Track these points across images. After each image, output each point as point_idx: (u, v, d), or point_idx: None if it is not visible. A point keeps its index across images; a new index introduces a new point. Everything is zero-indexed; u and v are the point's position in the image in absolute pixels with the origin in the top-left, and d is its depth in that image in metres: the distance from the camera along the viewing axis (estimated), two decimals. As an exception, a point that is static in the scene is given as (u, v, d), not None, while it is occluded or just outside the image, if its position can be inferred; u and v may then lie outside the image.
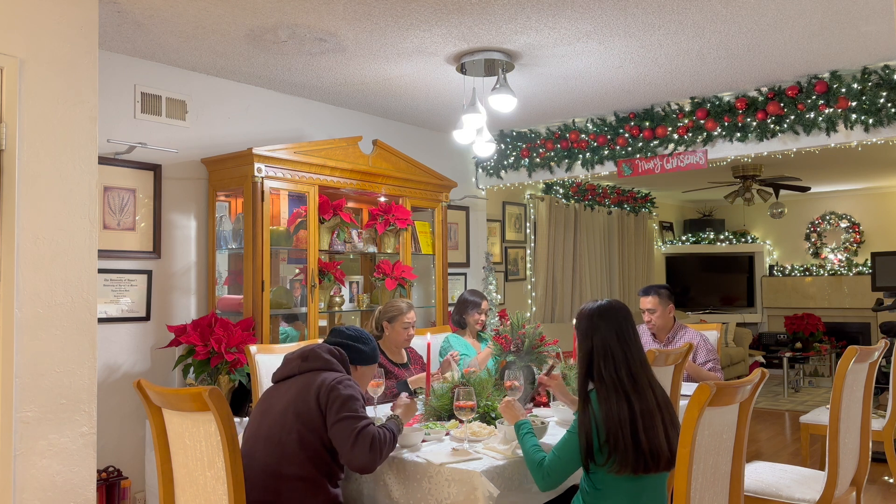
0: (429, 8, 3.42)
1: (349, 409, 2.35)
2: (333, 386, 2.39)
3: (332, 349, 2.59)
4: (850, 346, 2.90)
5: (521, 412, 2.53)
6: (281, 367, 2.58)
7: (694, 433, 2.04)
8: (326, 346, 2.59)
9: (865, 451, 3.17)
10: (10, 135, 2.75)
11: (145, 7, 3.39)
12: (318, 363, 2.50)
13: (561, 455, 2.24)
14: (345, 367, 2.58)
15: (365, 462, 2.30)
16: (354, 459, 2.30)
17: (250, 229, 4.10)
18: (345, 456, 2.32)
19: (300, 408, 2.37)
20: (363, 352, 2.76)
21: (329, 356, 2.54)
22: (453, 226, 6.16)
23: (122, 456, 3.94)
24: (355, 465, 2.32)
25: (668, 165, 5.26)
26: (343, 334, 2.77)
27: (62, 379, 2.86)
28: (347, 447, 2.30)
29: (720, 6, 3.48)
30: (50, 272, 2.85)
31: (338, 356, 2.57)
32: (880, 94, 4.39)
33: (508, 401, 2.58)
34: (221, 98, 4.50)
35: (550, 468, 2.25)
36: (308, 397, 2.38)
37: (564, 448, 2.24)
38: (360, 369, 2.76)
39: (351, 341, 2.74)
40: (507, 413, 2.56)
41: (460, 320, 4.47)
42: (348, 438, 2.30)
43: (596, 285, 8.21)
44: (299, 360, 2.53)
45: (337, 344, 2.69)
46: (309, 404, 2.37)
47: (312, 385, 2.41)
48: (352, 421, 2.32)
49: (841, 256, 9.69)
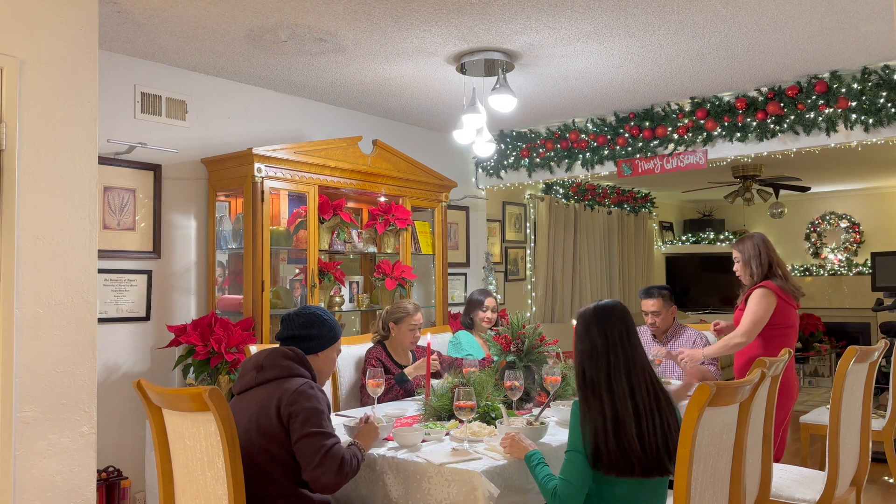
0: (429, 8, 3.42)
1: (313, 423, 2.23)
2: (294, 398, 2.25)
3: (287, 352, 2.41)
4: (851, 346, 2.90)
5: (527, 443, 2.40)
6: (238, 377, 2.44)
7: (694, 433, 2.04)
8: (281, 351, 2.41)
9: (865, 451, 3.17)
10: (10, 135, 2.75)
11: (145, 7, 3.39)
12: (275, 372, 2.35)
13: (568, 477, 2.16)
14: (304, 366, 2.42)
15: (329, 483, 2.20)
16: (319, 479, 2.20)
17: (250, 229, 4.10)
18: (308, 473, 2.21)
19: (263, 423, 2.26)
20: (320, 337, 2.54)
21: (286, 361, 2.38)
22: (453, 226, 6.16)
23: (122, 456, 3.94)
24: (319, 485, 2.22)
25: (668, 165, 5.26)
26: (293, 324, 2.54)
27: (62, 379, 2.86)
28: (312, 465, 2.19)
29: (720, 6, 3.48)
30: (50, 272, 2.85)
31: (294, 357, 2.41)
32: (880, 94, 4.39)
33: (511, 436, 2.43)
34: (221, 98, 4.50)
35: (567, 497, 2.15)
36: (269, 412, 2.26)
37: (569, 470, 2.17)
38: (324, 354, 2.56)
39: (304, 330, 2.52)
40: (514, 450, 2.40)
41: (468, 321, 4.49)
42: (314, 456, 2.20)
43: (596, 285, 8.21)
44: (254, 371, 2.38)
45: (290, 339, 2.51)
46: (271, 419, 2.26)
47: (272, 398, 2.28)
48: (318, 438, 2.22)
49: (841, 256, 9.69)
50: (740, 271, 3.78)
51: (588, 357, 2.24)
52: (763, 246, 3.72)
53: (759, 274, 3.68)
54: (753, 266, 3.70)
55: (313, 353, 2.53)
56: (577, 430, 2.18)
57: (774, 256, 3.72)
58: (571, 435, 2.21)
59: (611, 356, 2.22)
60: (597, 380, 2.20)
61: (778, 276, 3.65)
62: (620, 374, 2.20)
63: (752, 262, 3.71)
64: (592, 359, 2.23)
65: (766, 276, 3.67)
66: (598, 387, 2.19)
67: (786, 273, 3.69)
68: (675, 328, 4.22)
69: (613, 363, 2.21)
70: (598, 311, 2.30)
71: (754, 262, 3.70)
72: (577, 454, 2.17)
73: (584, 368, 2.24)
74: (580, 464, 2.15)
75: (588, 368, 2.23)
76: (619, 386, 2.19)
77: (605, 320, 2.27)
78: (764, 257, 3.69)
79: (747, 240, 3.78)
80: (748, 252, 3.74)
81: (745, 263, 3.75)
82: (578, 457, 2.16)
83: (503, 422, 2.69)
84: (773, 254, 3.73)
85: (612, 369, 2.20)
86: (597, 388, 2.19)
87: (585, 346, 2.26)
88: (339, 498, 2.56)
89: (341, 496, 2.57)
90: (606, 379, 2.20)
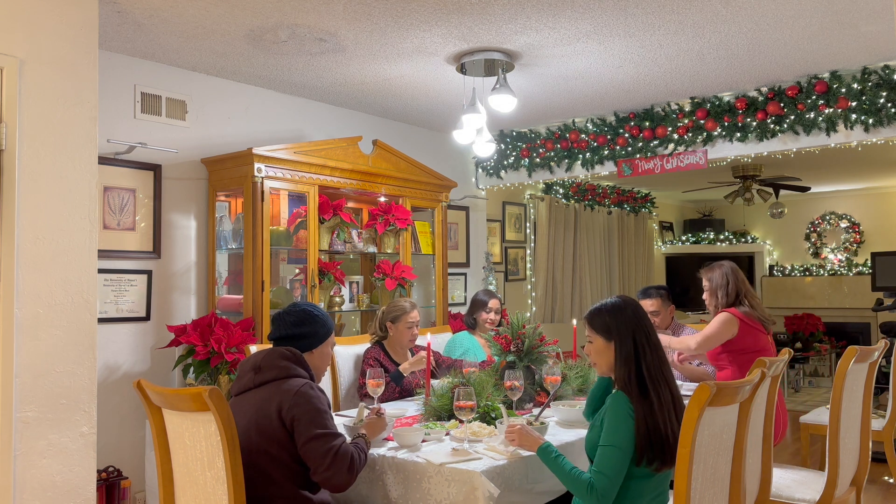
0: (429, 8, 3.42)
1: (318, 424, 2.24)
2: (296, 401, 2.25)
3: (284, 352, 2.41)
4: (851, 346, 2.90)
5: (537, 435, 2.37)
6: (236, 378, 2.45)
7: (694, 433, 2.04)
8: (278, 351, 2.41)
9: (866, 451, 3.17)
10: (10, 135, 2.75)
11: (145, 7, 3.39)
12: (273, 373, 2.35)
13: (604, 471, 2.12)
14: (302, 366, 2.42)
15: (341, 482, 2.22)
16: (331, 479, 2.21)
17: (250, 229, 4.10)
18: (319, 475, 2.23)
19: (262, 425, 2.26)
20: (314, 334, 2.54)
21: (283, 361, 2.38)
22: (453, 226, 6.16)
23: (122, 456, 3.94)
24: (331, 485, 2.23)
25: (668, 165, 5.26)
26: (284, 322, 2.52)
27: (62, 379, 2.86)
28: (324, 467, 2.21)
29: (720, 6, 3.48)
30: (50, 272, 2.85)
31: (292, 357, 2.41)
32: (880, 94, 4.39)
33: (520, 427, 2.40)
34: (221, 98, 4.50)
35: (605, 491, 2.10)
36: (269, 413, 2.26)
37: (606, 465, 2.13)
38: (318, 350, 2.56)
39: (296, 329, 2.51)
40: (524, 443, 2.37)
41: (471, 321, 4.49)
42: (324, 458, 2.21)
43: (596, 285, 8.21)
44: (252, 372, 2.39)
45: (283, 339, 2.50)
46: (271, 421, 2.26)
47: (272, 399, 2.28)
48: (326, 439, 2.23)
49: (841, 256, 9.69)
50: (707, 299, 3.74)
51: (643, 350, 2.23)
52: (732, 275, 3.66)
53: (724, 304, 3.64)
54: (719, 295, 3.66)
55: (308, 350, 2.52)
56: (622, 425, 2.14)
57: (743, 287, 3.65)
58: (610, 429, 2.16)
59: (658, 349, 2.25)
60: (654, 373, 2.20)
61: (745, 305, 3.61)
62: (667, 365, 2.25)
63: (718, 291, 3.67)
64: (647, 351, 2.22)
65: (732, 305, 3.63)
66: (663, 377, 2.20)
67: (754, 303, 3.63)
68: (673, 328, 4.22)
69: (662, 355, 2.25)
70: (634, 304, 2.32)
71: (720, 291, 3.66)
72: (615, 449, 2.13)
73: (643, 363, 2.21)
74: (619, 459, 2.13)
75: (646, 361, 2.21)
76: (670, 376, 2.22)
77: (643, 315, 2.30)
78: (731, 287, 3.63)
79: (717, 268, 3.73)
80: (716, 281, 3.69)
81: (711, 292, 3.71)
82: (617, 452, 2.13)
83: (503, 422, 2.69)
84: (742, 284, 3.66)
85: (662, 361, 2.24)
86: (662, 379, 2.19)
87: (641, 338, 2.24)
88: (339, 498, 2.56)
89: (341, 496, 2.57)
90: (662, 371, 2.21)
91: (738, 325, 3.55)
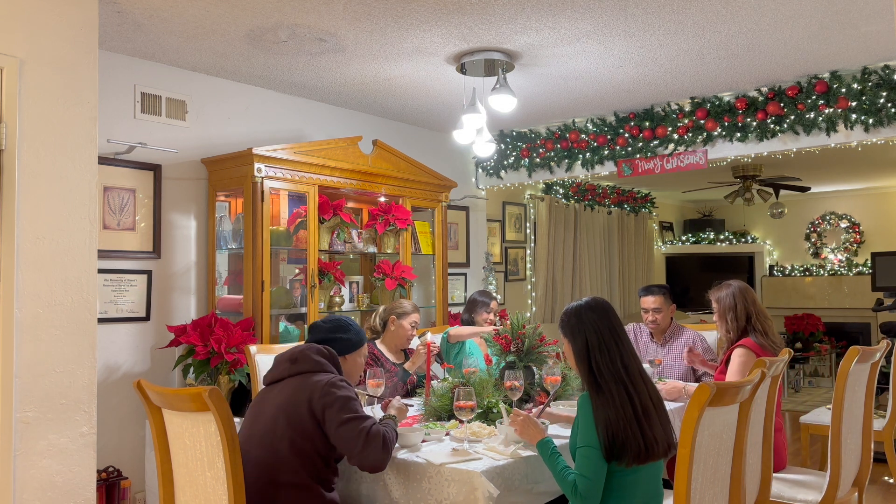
0: (429, 8, 3.42)
1: (349, 409, 2.32)
2: (327, 390, 2.35)
3: (322, 349, 2.54)
4: (853, 347, 2.89)
5: (540, 428, 2.41)
6: (271, 369, 2.55)
7: (694, 433, 2.04)
8: (316, 347, 2.55)
9: (867, 451, 3.17)
10: (10, 135, 2.75)
11: (145, 7, 3.39)
12: (308, 365, 2.46)
13: (585, 473, 2.15)
14: (334, 365, 2.54)
15: (377, 461, 2.29)
16: (367, 459, 2.28)
17: (250, 229, 4.10)
18: (355, 457, 2.30)
19: (291, 413, 2.34)
20: (348, 340, 2.70)
21: (319, 357, 2.50)
22: (453, 226, 6.16)
23: (122, 456, 3.94)
24: (367, 465, 2.31)
25: (668, 165, 5.26)
26: (321, 329, 2.70)
27: (62, 379, 2.86)
28: (359, 448, 2.28)
29: (720, 6, 3.48)
30: (50, 272, 2.84)
31: (327, 355, 2.53)
32: (880, 94, 4.39)
33: (523, 418, 2.43)
34: (221, 98, 4.50)
35: (587, 492, 2.13)
36: (299, 403, 2.35)
37: (585, 466, 2.15)
38: (350, 357, 2.71)
39: (331, 334, 2.67)
40: (526, 432, 2.40)
41: (469, 319, 4.49)
42: (358, 439, 2.28)
43: (596, 285, 8.21)
44: (288, 362, 2.49)
45: (321, 341, 2.63)
46: (300, 410, 2.33)
47: (303, 390, 2.37)
48: (357, 422, 2.30)
49: (841, 256, 9.69)
50: (717, 322, 3.52)
51: (597, 349, 2.25)
52: (741, 297, 3.40)
53: (735, 329, 3.40)
54: (728, 319, 3.41)
55: (341, 355, 2.65)
56: (590, 425, 2.17)
57: (753, 308, 3.40)
58: (583, 430, 2.19)
59: (619, 345, 2.26)
60: (612, 370, 2.21)
61: (757, 330, 3.35)
62: (630, 361, 2.24)
63: (727, 314, 3.42)
64: (602, 350, 2.24)
65: (744, 330, 3.39)
66: (615, 376, 2.20)
67: (766, 327, 3.37)
68: (673, 328, 4.21)
69: (622, 351, 2.25)
70: (594, 305, 2.34)
71: (730, 314, 3.40)
72: (591, 449, 2.15)
73: (593, 361, 2.24)
74: (595, 459, 2.14)
75: (599, 360, 2.23)
76: (633, 372, 2.23)
77: (604, 313, 2.31)
78: (740, 310, 3.38)
79: (724, 288, 3.48)
80: (724, 302, 3.44)
81: (720, 315, 3.46)
82: (593, 452, 2.15)
83: (503, 422, 2.68)
84: (752, 305, 3.40)
85: (623, 357, 2.24)
86: (615, 378, 2.20)
87: (592, 338, 2.26)
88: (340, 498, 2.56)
89: (341, 496, 2.57)
90: (622, 367, 2.22)
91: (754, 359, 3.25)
